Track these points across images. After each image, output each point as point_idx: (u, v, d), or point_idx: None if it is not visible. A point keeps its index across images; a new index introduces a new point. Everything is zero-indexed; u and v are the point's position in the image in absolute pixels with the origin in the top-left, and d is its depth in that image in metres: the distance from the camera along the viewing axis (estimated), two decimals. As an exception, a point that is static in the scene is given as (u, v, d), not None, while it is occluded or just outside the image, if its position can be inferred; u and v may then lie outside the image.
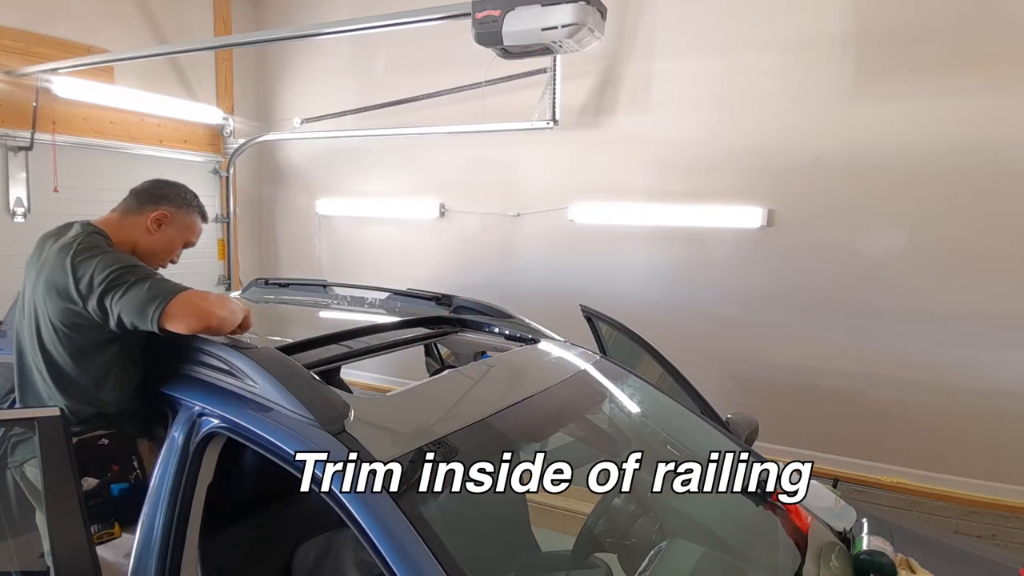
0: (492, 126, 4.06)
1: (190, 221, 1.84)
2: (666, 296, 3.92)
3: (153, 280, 1.51)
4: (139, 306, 1.46)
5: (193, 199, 1.86)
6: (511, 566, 1.76)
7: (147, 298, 1.46)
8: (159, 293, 1.47)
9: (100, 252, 1.55)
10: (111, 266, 1.50)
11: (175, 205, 1.80)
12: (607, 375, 2.09)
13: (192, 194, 1.87)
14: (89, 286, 1.49)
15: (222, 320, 1.51)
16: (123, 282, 1.48)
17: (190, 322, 1.47)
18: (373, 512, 1.20)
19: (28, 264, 1.73)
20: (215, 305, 1.51)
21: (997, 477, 3.23)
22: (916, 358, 3.34)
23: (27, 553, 1.50)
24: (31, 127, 3.87)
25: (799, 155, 3.50)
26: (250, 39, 3.59)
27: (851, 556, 1.59)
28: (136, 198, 1.79)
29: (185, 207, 1.82)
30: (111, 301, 1.47)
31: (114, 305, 1.47)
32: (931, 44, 3.17)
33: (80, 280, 1.50)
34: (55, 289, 1.54)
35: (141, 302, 1.46)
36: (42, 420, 1.43)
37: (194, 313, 1.47)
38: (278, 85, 5.35)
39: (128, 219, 1.75)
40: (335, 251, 5.22)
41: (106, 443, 1.62)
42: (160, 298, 1.46)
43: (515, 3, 2.24)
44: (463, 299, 2.50)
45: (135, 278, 1.49)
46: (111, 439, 1.62)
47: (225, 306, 1.54)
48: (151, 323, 1.46)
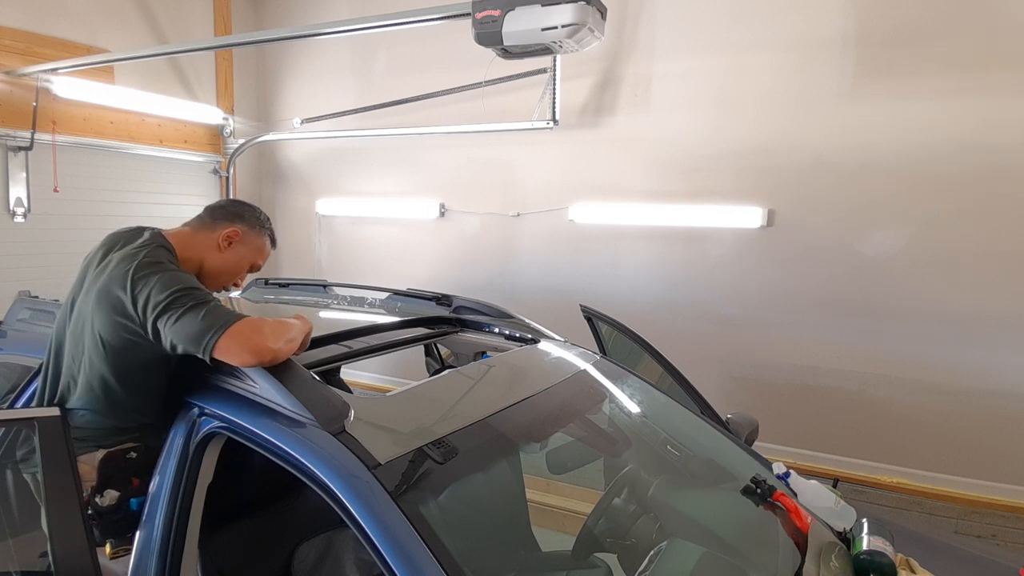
0: (492, 126, 4.06)
1: (260, 243, 1.80)
2: (666, 296, 3.92)
3: (209, 307, 1.42)
4: (192, 335, 1.39)
5: (266, 222, 1.82)
6: (511, 566, 1.76)
7: (201, 328, 1.39)
8: (213, 323, 1.39)
9: (161, 270, 1.48)
10: (169, 287, 1.43)
11: (248, 225, 1.76)
12: (607, 375, 2.10)
13: (266, 217, 1.83)
14: (145, 306, 1.42)
15: (276, 353, 1.42)
16: (179, 306, 1.41)
17: (243, 357, 1.39)
18: (373, 512, 1.20)
19: (88, 261, 1.65)
20: (269, 338, 1.41)
21: (997, 477, 3.24)
22: (916, 358, 3.34)
23: (30, 553, 1.50)
24: (31, 127, 3.87)
25: (799, 155, 3.50)
26: (250, 39, 3.59)
27: (851, 556, 1.59)
28: (211, 214, 1.75)
29: (258, 228, 1.79)
30: (164, 325, 1.41)
31: (167, 330, 1.41)
32: (931, 44, 3.17)
33: (137, 299, 1.43)
34: (110, 303, 1.47)
35: (195, 332, 1.39)
36: (42, 420, 1.43)
37: (247, 347, 1.39)
38: (278, 85, 5.35)
39: (199, 235, 1.70)
40: (335, 251, 5.22)
41: (134, 456, 1.57)
42: (214, 329, 1.38)
43: (515, 3, 2.24)
44: (463, 299, 2.50)
45: (192, 303, 1.42)
46: (138, 452, 1.58)
47: (281, 336, 1.45)
48: (204, 354, 1.39)
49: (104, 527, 1.52)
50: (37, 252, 4.00)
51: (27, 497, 1.57)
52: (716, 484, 1.99)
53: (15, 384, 1.98)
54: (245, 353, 1.39)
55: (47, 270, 4.01)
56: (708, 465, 2.06)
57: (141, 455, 1.58)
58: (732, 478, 1.88)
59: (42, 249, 4.03)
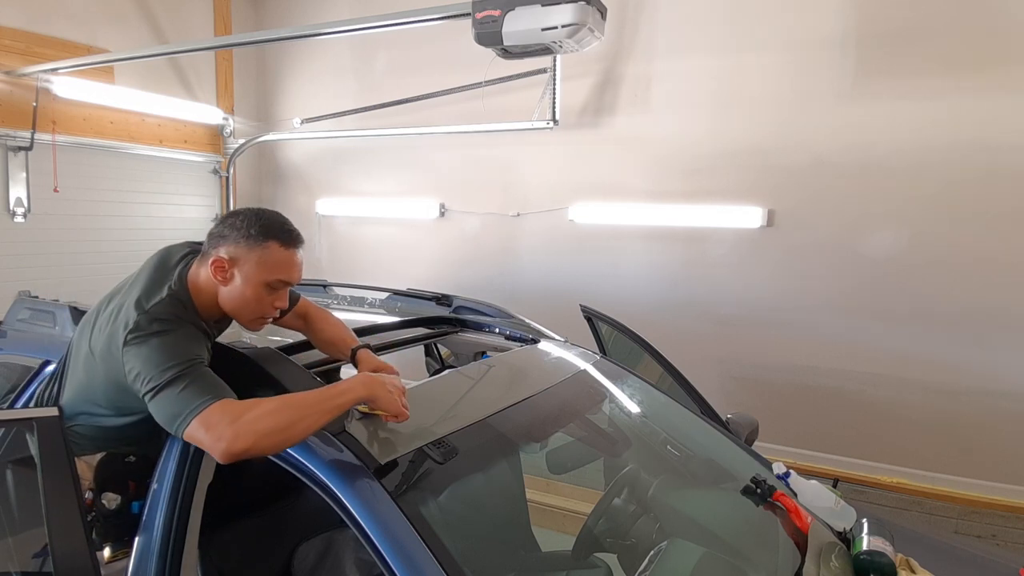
0: (492, 126, 4.06)
1: (265, 255, 1.41)
2: (666, 296, 3.92)
3: (187, 383, 1.25)
4: (166, 418, 1.26)
5: (265, 226, 1.42)
6: (511, 566, 1.76)
7: (174, 411, 1.24)
8: (186, 406, 1.23)
9: (154, 335, 1.31)
10: (152, 360, 1.29)
11: (234, 242, 1.41)
12: (607, 375, 2.10)
13: (259, 218, 1.43)
14: (135, 379, 1.30)
15: (249, 451, 1.19)
16: (158, 382, 1.26)
17: (210, 451, 1.22)
18: (373, 512, 1.20)
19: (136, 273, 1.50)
20: (242, 434, 1.18)
21: (997, 477, 3.23)
22: (916, 358, 3.34)
23: (29, 552, 1.49)
24: (31, 127, 3.87)
25: (799, 155, 3.50)
26: (250, 39, 3.60)
27: (851, 556, 1.59)
28: (206, 241, 1.46)
29: (252, 239, 1.41)
30: (147, 400, 1.28)
31: (149, 406, 1.28)
32: (930, 44, 3.17)
33: (127, 369, 1.32)
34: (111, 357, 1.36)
35: (168, 414, 1.25)
36: (40, 420, 1.43)
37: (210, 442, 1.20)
38: (278, 85, 5.35)
39: (203, 271, 1.44)
40: (335, 251, 5.22)
41: (133, 460, 1.55)
42: (184, 413, 1.22)
43: (515, 3, 2.24)
44: (463, 299, 2.50)
45: (172, 376, 1.26)
46: (137, 456, 1.56)
47: (266, 426, 1.19)
48: (179, 438, 1.26)
49: (105, 530, 1.51)
50: (37, 252, 4.00)
51: (27, 497, 1.57)
52: (716, 484, 1.99)
53: (15, 384, 1.98)
54: (209, 450, 1.21)
55: (47, 270, 4.01)
56: (708, 465, 2.06)
57: (140, 458, 1.57)
58: (732, 478, 1.88)
59: (42, 249, 4.03)
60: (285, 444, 1.23)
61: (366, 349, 1.61)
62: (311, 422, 1.23)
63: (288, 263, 1.44)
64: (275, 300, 1.46)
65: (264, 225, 1.42)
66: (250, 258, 1.41)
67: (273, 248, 1.42)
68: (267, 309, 1.47)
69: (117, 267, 3.98)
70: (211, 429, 1.20)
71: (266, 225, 1.43)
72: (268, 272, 1.42)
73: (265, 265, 1.41)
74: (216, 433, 1.19)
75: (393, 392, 1.34)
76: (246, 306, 1.44)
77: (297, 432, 1.22)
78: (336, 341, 1.66)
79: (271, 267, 1.42)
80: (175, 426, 1.24)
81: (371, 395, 1.31)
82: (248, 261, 1.41)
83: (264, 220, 1.44)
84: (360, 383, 1.32)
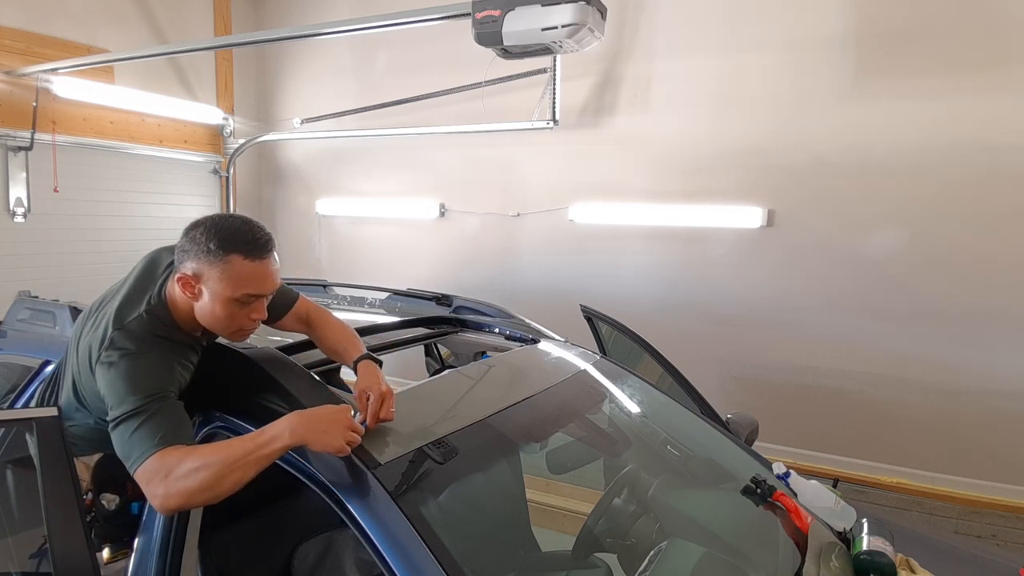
0: (492, 126, 4.06)
1: (224, 269, 1.31)
2: (666, 296, 3.92)
3: (140, 422, 1.22)
4: (122, 454, 1.23)
5: (214, 237, 1.31)
6: (511, 566, 1.76)
7: (125, 450, 1.22)
8: (134, 450, 1.20)
9: (121, 358, 1.29)
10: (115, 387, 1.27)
11: (194, 257, 1.32)
12: (607, 375, 2.09)
13: (220, 230, 1.32)
14: (103, 399, 1.30)
15: (180, 507, 1.19)
16: (118, 414, 1.24)
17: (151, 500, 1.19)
18: (373, 512, 1.20)
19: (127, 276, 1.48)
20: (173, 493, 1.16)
21: (997, 477, 3.24)
22: (916, 358, 3.34)
23: (29, 552, 1.49)
24: (31, 127, 3.87)
25: (799, 155, 3.50)
26: (250, 39, 3.60)
27: (851, 556, 1.59)
28: (175, 255, 1.38)
29: (207, 254, 1.31)
30: (109, 430, 1.26)
31: (111, 436, 1.25)
32: (930, 44, 3.17)
33: (100, 390, 1.31)
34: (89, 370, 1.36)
35: (122, 451, 1.23)
36: (40, 420, 1.42)
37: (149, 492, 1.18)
38: (278, 85, 5.35)
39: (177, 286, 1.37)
40: (335, 251, 5.22)
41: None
42: (134, 457, 1.20)
43: (515, 3, 2.24)
44: (463, 299, 2.50)
45: (131, 411, 1.23)
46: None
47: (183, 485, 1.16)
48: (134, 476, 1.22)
49: (104, 530, 1.51)
50: (37, 252, 4.01)
51: (26, 497, 1.57)
52: (716, 484, 1.99)
53: (15, 384, 1.98)
54: (149, 497, 1.19)
55: (47, 270, 4.01)
56: (708, 465, 2.06)
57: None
58: (732, 478, 1.88)
59: (42, 249, 4.03)
60: (216, 499, 1.20)
61: (368, 361, 1.52)
62: (239, 476, 1.18)
63: (254, 276, 1.33)
64: (250, 313, 1.37)
65: (224, 238, 1.31)
66: (212, 274, 1.32)
67: (236, 262, 1.31)
68: (243, 322, 1.38)
69: (117, 267, 3.96)
70: (148, 484, 1.18)
71: (226, 238, 1.31)
72: (233, 287, 1.32)
73: (229, 280, 1.31)
74: (151, 490, 1.18)
75: (333, 428, 1.23)
76: (218, 322, 1.36)
77: (226, 487, 1.18)
78: (340, 351, 1.60)
79: (236, 282, 1.32)
80: (128, 466, 1.22)
81: (301, 441, 1.22)
82: (211, 277, 1.32)
83: (224, 232, 1.32)
84: (288, 429, 1.21)
